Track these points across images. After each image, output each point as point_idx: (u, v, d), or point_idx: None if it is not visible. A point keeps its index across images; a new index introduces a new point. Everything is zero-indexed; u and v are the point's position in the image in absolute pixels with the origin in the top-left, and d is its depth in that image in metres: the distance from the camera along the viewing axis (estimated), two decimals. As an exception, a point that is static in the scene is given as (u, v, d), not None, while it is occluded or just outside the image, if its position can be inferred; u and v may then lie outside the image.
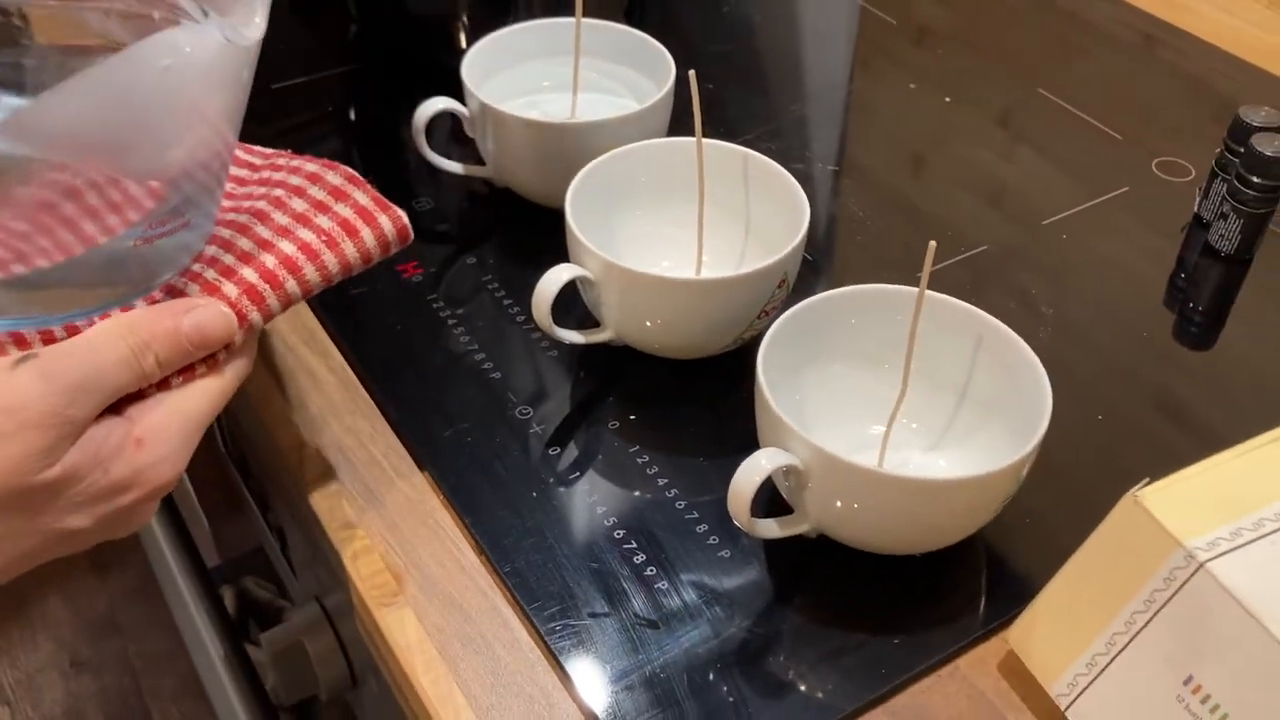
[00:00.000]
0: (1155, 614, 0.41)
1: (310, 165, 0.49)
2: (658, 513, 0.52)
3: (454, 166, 0.68)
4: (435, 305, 0.62)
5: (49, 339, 0.42)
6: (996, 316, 0.51)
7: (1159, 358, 0.62)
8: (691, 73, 0.54)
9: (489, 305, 0.62)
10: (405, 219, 0.49)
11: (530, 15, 0.72)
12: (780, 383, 0.49)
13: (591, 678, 0.46)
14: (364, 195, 0.48)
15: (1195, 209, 0.69)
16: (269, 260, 0.45)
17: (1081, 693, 0.44)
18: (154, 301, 0.44)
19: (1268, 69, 0.83)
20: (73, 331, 0.42)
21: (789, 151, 0.74)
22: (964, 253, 0.67)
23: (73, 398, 0.38)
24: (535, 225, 0.67)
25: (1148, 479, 0.43)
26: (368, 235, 0.47)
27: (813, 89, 0.82)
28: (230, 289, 0.44)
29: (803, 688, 0.46)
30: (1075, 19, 0.90)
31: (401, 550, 0.51)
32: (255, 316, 0.44)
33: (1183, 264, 0.67)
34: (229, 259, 0.45)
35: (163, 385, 0.42)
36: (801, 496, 0.48)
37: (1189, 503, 0.42)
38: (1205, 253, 0.67)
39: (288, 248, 0.45)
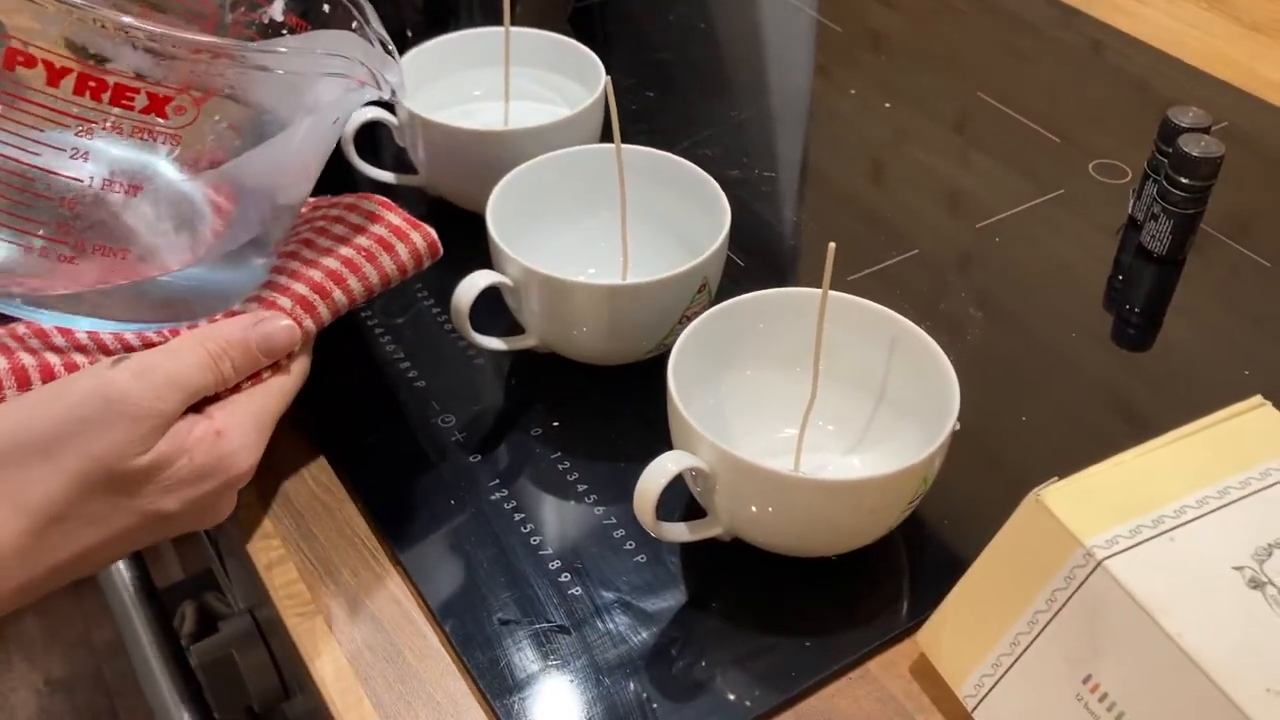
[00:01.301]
0: (1056, 613, 0.41)
1: (347, 198, 0.55)
2: (576, 519, 0.52)
3: (386, 176, 0.68)
4: (364, 313, 0.62)
5: (124, 342, 0.48)
6: (929, 318, 0.51)
7: (1095, 357, 0.62)
8: (607, 80, 0.54)
9: (419, 314, 0.62)
10: (434, 235, 0.54)
11: (472, 24, 0.72)
12: (695, 388, 0.49)
13: (501, 684, 0.46)
14: (396, 217, 0.54)
15: (1129, 210, 0.69)
16: (316, 275, 0.50)
17: (987, 693, 0.43)
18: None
19: (1208, 70, 0.83)
20: (144, 339, 0.48)
21: (727, 157, 0.74)
22: (895, 256, 0.67)
23: (161, 394, 0.43)
24: (467, 234, 0.67)
25: (1055, 478, 0.42)
26: (402, 250, 0.53)
27: (753, 96, 0.82)
28: (284, 301, 0.50)
29: (713, 690, 0.46)
30: (1022, 24, 0.90)
31: (316, 559, 0.51)
32: (309, 324, 0.50)
33: (1119, 265, 0.67)
34: (282, 279, 0.51)
35: (235, 389, 0.47)
36: (712, 500, 0.47)
37: (1091, 502, 0.42)
38: (1140, 254, 0.68)
39: (332, 263, 0.51)
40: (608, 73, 0.61)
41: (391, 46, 0.50)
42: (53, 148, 0.41)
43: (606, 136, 0.67)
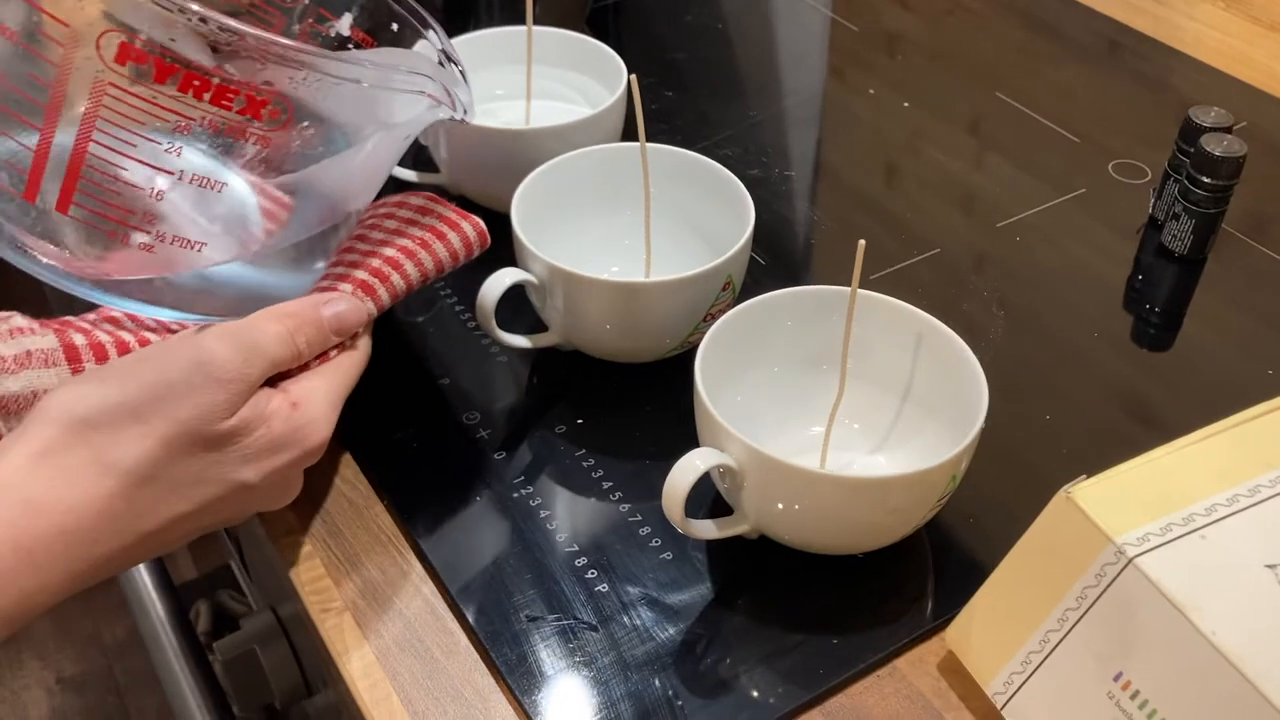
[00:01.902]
0: (1086, 611, 0.41)
1: (396, 195, 0.57)
2: (602, 516, 0.52)
3: (408, 174, 0.68)
4: (388, 311, 0.62)
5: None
6: (949, 318, 0.51)
7: (1115, 357, 0.62)
8: (632, 77, 0.54)
9: (442, 312, 0.62)
10: (483, 225, 0.56)
11: (491, 24, 0.72)
12: (723, 386, 0.49)
13: (528, 681, 0.46)
14: (446, 209, 0.56)
15: (1150, 210, 0.69)
16: (375, 262, 0.52)
17: (1017, 691, 0.44)
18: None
19: (1226, 70, 0.83)
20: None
21: (746, 157, 0.74)
22: (918, 255, 0.67)
23: (248, 358, 0.45)
24: (491, 232, 0.67)
25: (1084, 475, 0.43)
26: (453, 238, 0.55)
27: (772, 95, 0.82)
28: (345, 287, 0.51)
29: (739, 688, 0.46)
30: (1039, 24, 0.90)
31: (343, 555, 0.51)
32: (370, 306, 0.51)
33: (1139, 265, 0.67)
34: (340, 268, 0.52)
35: (304, 367, 0.49)
36: (739, 497, 0.48)
37: (1121, 499, 0.42)
38: (1160, 253, 0.68)
39: (389, 251, 0.53)
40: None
41: (463, 66, 0.51)
42: (150, 141, 0.42)
43: (628, 135, 0.67)
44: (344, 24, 0.54)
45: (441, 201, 0.56)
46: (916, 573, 0.51)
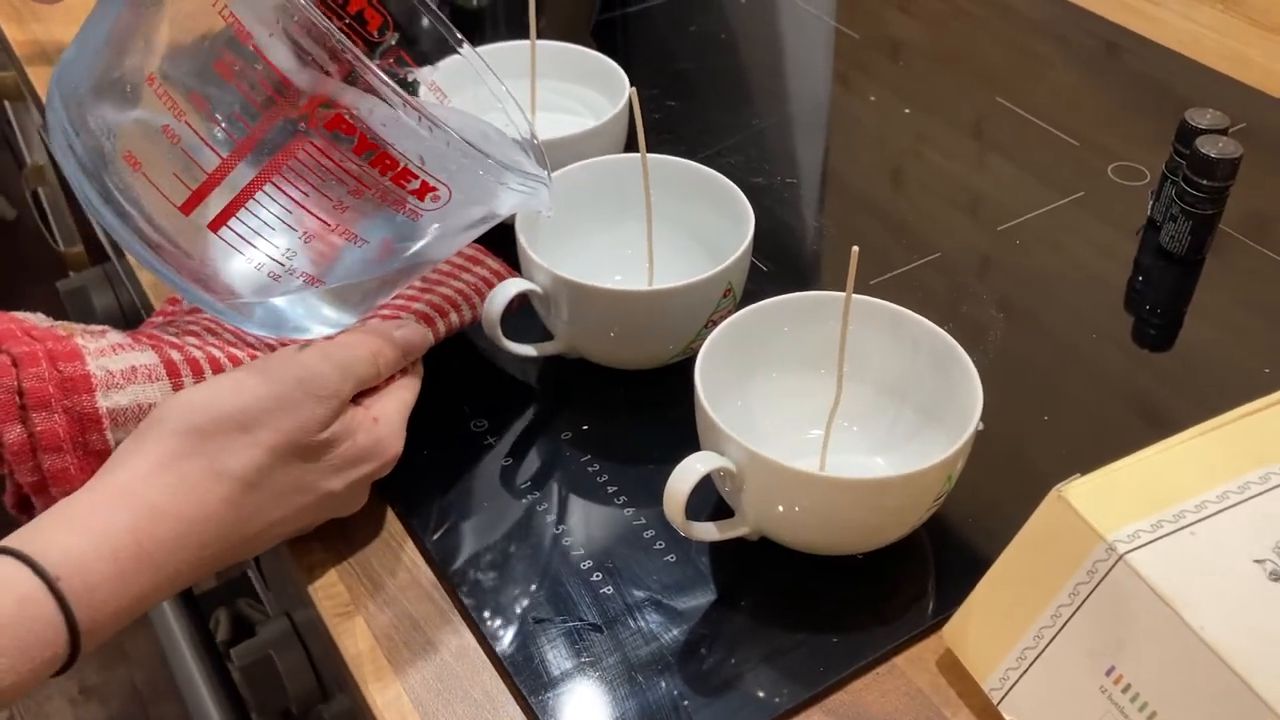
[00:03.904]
0: (1079, 607, 0.42)
1: None
2: (608, 521, 0.53)
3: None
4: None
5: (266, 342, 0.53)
6: (950, 321, 0.52)
7: (1115, 357, 0.62)
8: (632, 91, 0.55)
9: (449, 322, 0.64)
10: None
11: (497, 39, 0.73)
12: (722, 390, 0.50)
13: (536, 681, 0.47)
14: (494, 261, 0.60)
15: (1149, 212, 0.70)
16: (434, 298, 0.57)
17: (1013, 687, 0.44)
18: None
19: (1224, 71, 0.84)
20: (281, 341, 0.53)
21: (749, 165, 0.75)
22: (917, 260, 0.68)
23: (344, 377, 0.48)
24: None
25: (1077, 474, 0.43)
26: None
27: (775, 103, 0.83)
28: (408, 316, 0.55)
29: (743, 687, 0.47)
30: (1037, 28, 0.91)
31: (355, 561, 0.52)
32: (430, 335, 0.55)
33: (1139, 266, 0.68)
34: (400, 300, 0.57)
35: (379, 386, 0.52)
36: (740, 500, 0.49)
37: (1113, 497, 0.43)
38: (1159, 254, 0.68)
39: (446, 291, 0.58)
40: (630, 84, 0.62)
41: (542, 157, 0.56)
42: (326, 197, 0.47)
43: (631, 146, 0.68)
44: (423, 74, 0.59)
45: (487, 253, 0.60)
46: (916, 572, 0.51)
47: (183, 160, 0.47)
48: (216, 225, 0.48)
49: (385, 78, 0.44)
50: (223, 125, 0.46)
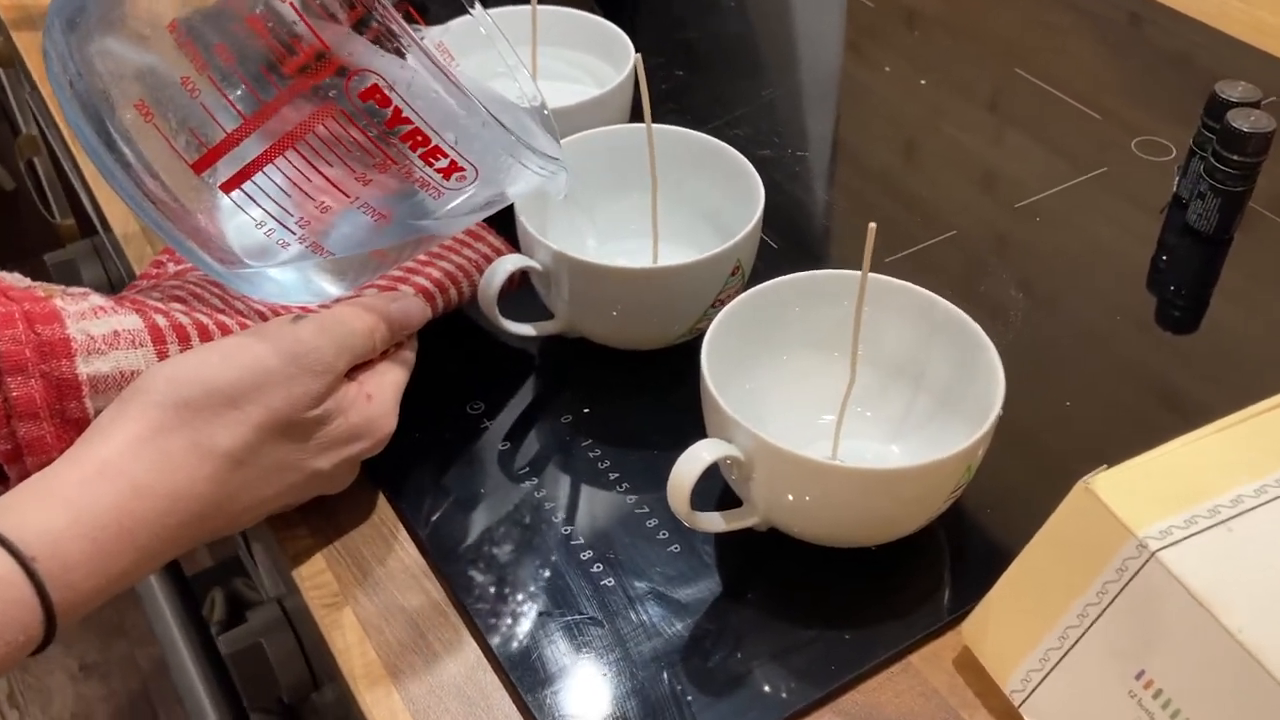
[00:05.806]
0: (1107, 606, 0.40)
1: None
2: (608, 508, 0.51)
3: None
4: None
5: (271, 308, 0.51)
6: (967, 301, 0.49)
7: (1139, 340, 0.60)
8: (637, 57, 0.53)
9: (446, 299, 0.61)
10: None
11: (499, 3, 0.70)
12: (730, 374, 0.48)
13: (532, 677, 0.45)
14: (496, 239, 0.58)
15: (1174, 188, 0.67)
16: (434, 272, 0.55)
17: (1035, 689, 0.42)
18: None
19: (1252, 43, 0.81)
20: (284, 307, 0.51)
21: (758, 137, 0.73)
22: (935, 236, 0.65)
23: (339, 352, 0.46)
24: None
25: (1104, 466, 0.41)
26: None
27: (786, 73, 0.81)
28: (406, 289, 0.53)
29: (749, 684, 0.45)
30: (1059, -2, 0.88)
31: (344, 549, 0.50)
32: (428, 310, 0.53)
33: (1163, 245, 0.66)
34: (399, 272, 0.54)
35: (373, 360, 0.50)
36: (748, 489, 0.46)
37: (1143, 490, 0.40)
38: (1185, 233, 0.66)
39: (446, 265, 0.55)
40: (636, 51, 0.59)
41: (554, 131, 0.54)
42: (349, 168, 0.45)
43: (636, 116, 0.66)
44: (433, 34, 0.58)
45: (489, 229, 0.58)
46: (932, 566, 0.49)
47: (201, 116, 0.44)
48: (230, 187, 0.45)
49: (434, 51, 0.42)
50: (249, 84, 0.44)
